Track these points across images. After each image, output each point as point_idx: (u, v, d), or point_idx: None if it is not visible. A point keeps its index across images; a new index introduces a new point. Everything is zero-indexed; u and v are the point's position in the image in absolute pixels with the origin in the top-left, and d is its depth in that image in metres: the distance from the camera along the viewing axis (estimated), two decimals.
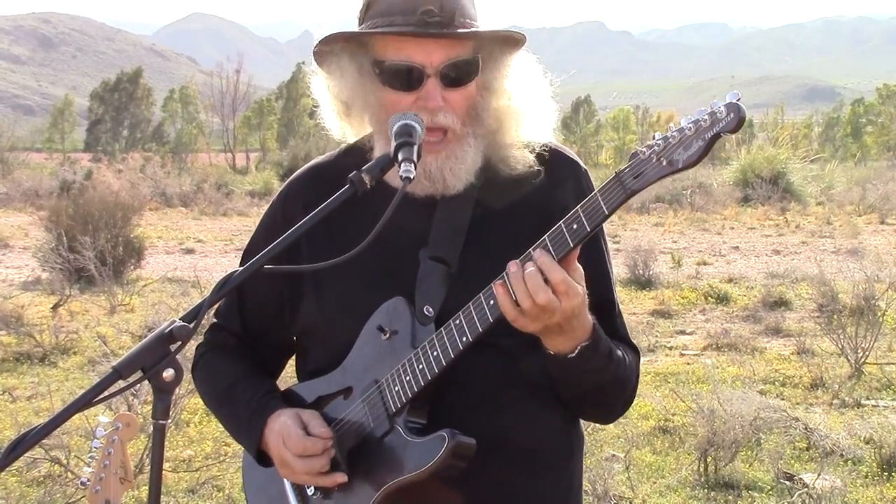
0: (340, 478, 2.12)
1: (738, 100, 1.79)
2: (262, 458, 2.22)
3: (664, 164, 1.82)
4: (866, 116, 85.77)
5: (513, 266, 1.92)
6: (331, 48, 2.14)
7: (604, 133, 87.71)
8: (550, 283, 1.90)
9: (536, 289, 1.89)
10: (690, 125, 1.81)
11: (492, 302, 1.96)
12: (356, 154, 2.23)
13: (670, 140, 1.82)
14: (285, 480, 2.23)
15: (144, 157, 46.81)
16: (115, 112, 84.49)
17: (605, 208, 1.86)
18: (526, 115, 2.17)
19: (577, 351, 2.01)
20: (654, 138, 1.85)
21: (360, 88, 2.12)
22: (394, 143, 1.95)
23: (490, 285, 1.96)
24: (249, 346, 2.34)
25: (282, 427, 2.13)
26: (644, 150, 1.84)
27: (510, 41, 2.14)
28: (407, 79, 2.07)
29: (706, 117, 1.80)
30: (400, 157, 1.92)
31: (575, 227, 1.89)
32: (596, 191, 1.88)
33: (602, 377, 2.08)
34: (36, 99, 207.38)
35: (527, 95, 2.17)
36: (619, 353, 2.12)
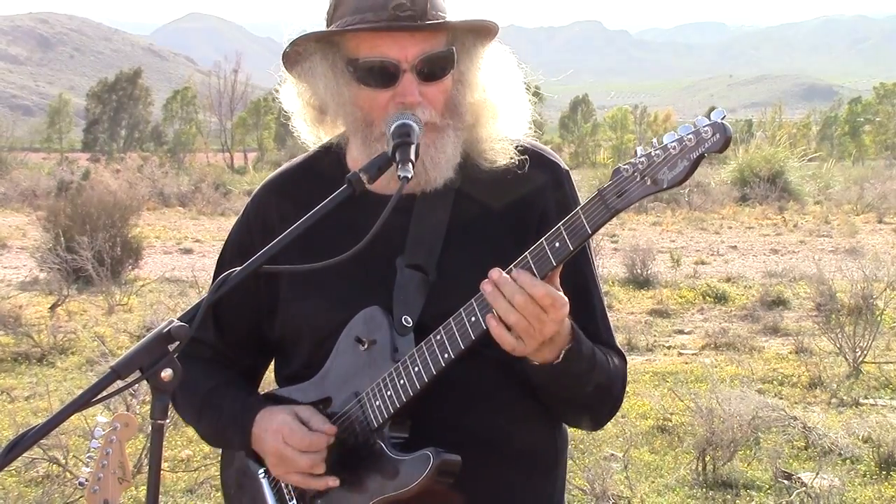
0: (333, 482, 2.07)
1: (723, 118, 1.74)
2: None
3: (648, 183, 1.79)
4: (864, 115, 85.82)
5: (487, 286, 1.89)
6: (302, 49, 2.10)
7: (601, 132, 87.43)
8: (534, 298, 1.85)
9: (519, 302, 1.85)
10: (675, 143, 1.76)
11: (472, 319, 1.93)
12: (329, 156, 2.21)
13: (654, 159, 1.78)
14: (266, 489, 2.17)
15: (142, 157, 46.80)
16: (113, 112, 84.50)
17: (588, 227, 1.83)
18: (502, 108, 2.13)
19: (561, 356, 1.97)
20: (636, 155, 1.81)
21: (334, 89, 2.08)
22: (392, 143, 1.93)
23: (471, 301, 1.93)
24: (227, 356, 2.28)
25: (282, 423, 2.08)
26: (627, 167, 1.80)
27: (483, 32, 2.10)
28: (382, 75, 2.03)
29: (691, 136, 1.75)
30: (398, 156, 1.91)
31: (557, 245, 1.85)
32: (578, 208, 1.84)
33: (587, 380, 2.04)
34: (34, 99, 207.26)
35: (502, 88, 2.13)
36: (602, 356, 2.08)
